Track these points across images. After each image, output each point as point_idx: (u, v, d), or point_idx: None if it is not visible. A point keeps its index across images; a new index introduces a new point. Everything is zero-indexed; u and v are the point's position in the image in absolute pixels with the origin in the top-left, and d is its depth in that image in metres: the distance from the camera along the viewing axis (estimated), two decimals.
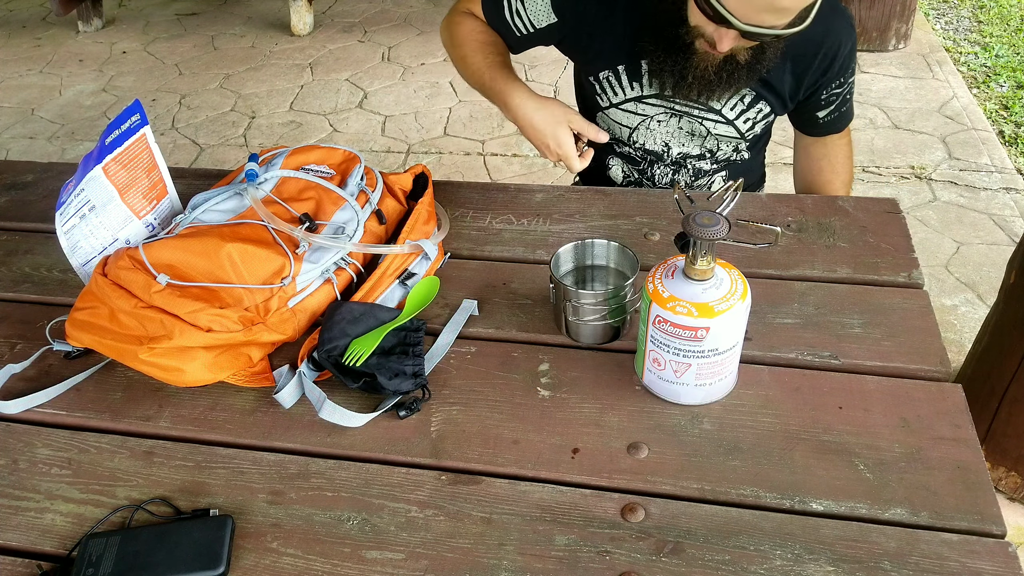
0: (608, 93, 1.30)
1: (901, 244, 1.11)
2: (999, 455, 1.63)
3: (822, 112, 1.31)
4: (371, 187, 1.14)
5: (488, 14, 1.31)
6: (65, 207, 1.04)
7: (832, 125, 1.33)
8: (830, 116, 1.31)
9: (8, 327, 1.09)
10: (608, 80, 1.28)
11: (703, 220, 0.78)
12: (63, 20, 4.55)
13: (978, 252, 2.37)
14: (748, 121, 1.29)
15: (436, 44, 3.98)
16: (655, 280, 0.84)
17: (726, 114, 1.27)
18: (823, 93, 1.27)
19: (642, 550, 0.76)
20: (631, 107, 1.30)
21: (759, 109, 1.27)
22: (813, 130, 1.35)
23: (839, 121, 1.33)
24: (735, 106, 1.27)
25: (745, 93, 1.25)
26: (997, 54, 3.51)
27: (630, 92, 1.28)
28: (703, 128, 1.29)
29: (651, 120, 1.30)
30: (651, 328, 0.85)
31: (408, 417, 0.91)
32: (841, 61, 1.23)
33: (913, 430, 0.85)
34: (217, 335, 0.92)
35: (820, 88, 1.26)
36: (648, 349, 0.87)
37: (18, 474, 0.88)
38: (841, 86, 1.27)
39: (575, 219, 1.20)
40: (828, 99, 1.28)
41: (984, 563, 0.72)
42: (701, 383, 0.87)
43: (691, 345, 0.82)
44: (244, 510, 0.82)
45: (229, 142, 3.27)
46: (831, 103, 1.29)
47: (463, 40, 1.31)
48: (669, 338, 0.83)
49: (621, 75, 1.27)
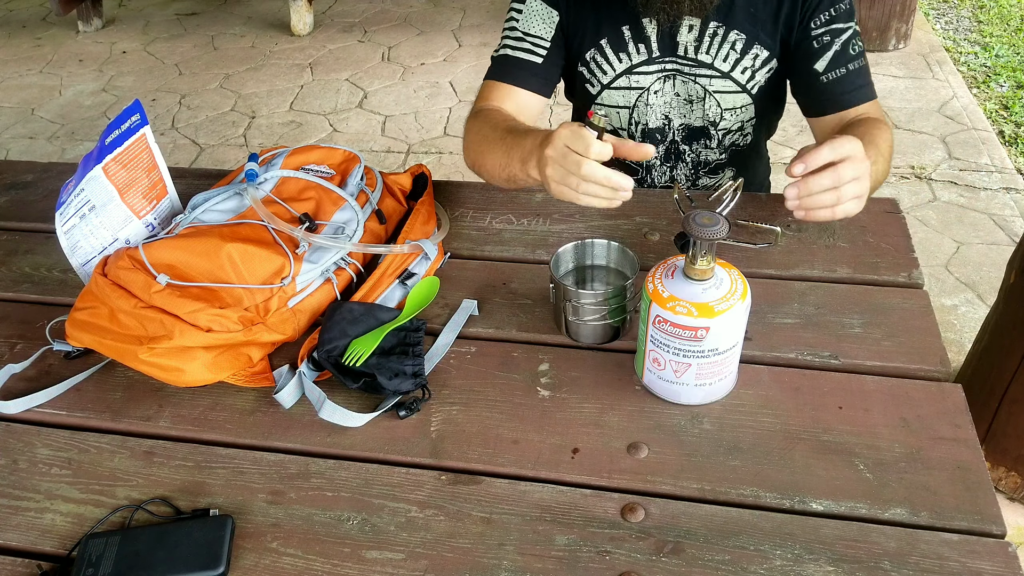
0: (597, 74, 1.26)
1: (901, 244, 1.11)
2: (999, 455, 1.63)
3: (819, 63, 1.15)
4: (371, 187, 1.14)
5: (499, 71, 1.24)
6: (65, 207, 1.04)
7: (839, 88, 1.15)
8: (832, 72, 1.15)
9: (8, 327, 1.09)
10: (595, 60, 1.24)
11: (703, 220, 0.78)
12: (63, 20, 4.55)
13: (978, 252, 2.37)
14: (746, 71, 1.21)
15: (436, 44, 3.98)
16: (655, 280, 0.84)
17: (719, 67, 1.21)
18: (812, 25, 1.14)
19: (642, 550, 0.76)
20: (623, 82, 1.25)
21: (754, 55, 1.19)
22: (820, 101, 1.18)
23: (847, 84, 1.15)
24: (727, 56, 1.20)
25: (735, 39, 1.18)
26: (997, 54, 3.51)
27: (618, 65, 1.24)
28: (699, 88, 1.23)
29: (647, 93, 1.25)
30: (651, 328, 0.85)
31: (408, 417, 0.91)
32: None
33: (913, 430, 0.85)
34: (217, 335, 0.92)
35: (807, 16, 1.14)
36: (648, 349, 0.87)
37: (18, 474, 0.88)
38: (833, 19, 1.14)
39: (575, 219, 1.20)
40: (821, 39, 1.14)
41: (984, 563, 0.72)
42: (701, 383, 0.87)
43: (691, 345, 0.82)
44: (244, 510, 0.82)
45: (229, 142, 3.27)
46: (826, 46, 1.14)
47: (477, 142, 1.17)
48: (669, 338, 0.83)
49: (605, 49, 1.22)
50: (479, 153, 1.16)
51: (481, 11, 4.32)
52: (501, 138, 1.11)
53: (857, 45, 1.16)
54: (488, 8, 4.35)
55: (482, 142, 1.15)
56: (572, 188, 0.92)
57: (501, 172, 1.11)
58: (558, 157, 0.92)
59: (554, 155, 0.93)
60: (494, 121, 1.16)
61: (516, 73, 1.23)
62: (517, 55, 1.23)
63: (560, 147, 0.92)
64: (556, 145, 0.93)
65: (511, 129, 1.11)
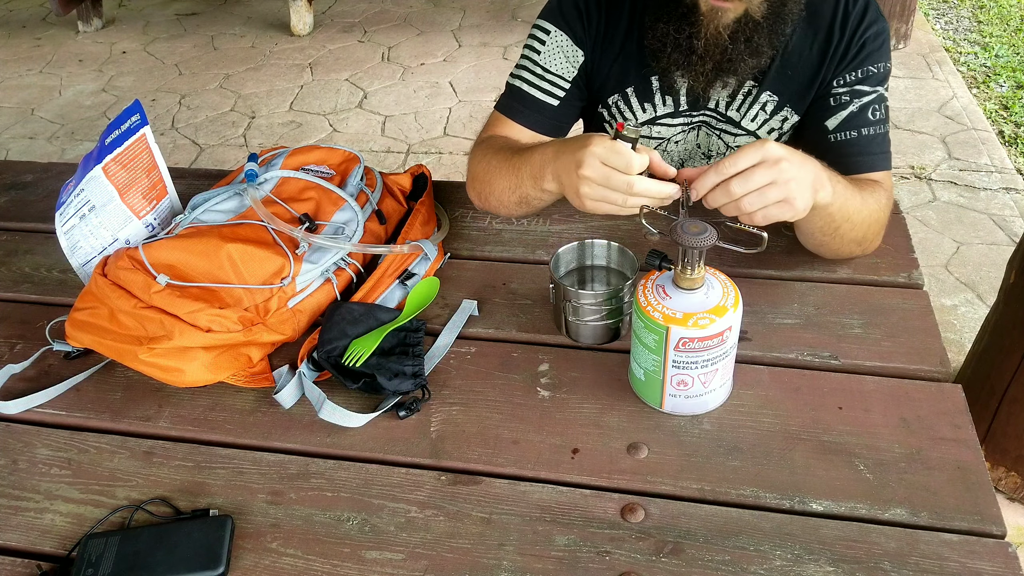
0: (619, 119, 1.20)
1: (901, 244, 1.11)
2: (999, 455, 1.63)
3: (831, 120, 1.07)
4: (371, 187, 1.14)
5: (512, 107, 1.17)
6: (65, 207, 1.04)
7: (846, 150, 1.06)
8: (843, 133, 1.07)
9: (8, 327, 1.09)
10: (617, 106, 1.18)
11: (691, 229, 0.78)
12: (63, 20, 4.55)
13: (978, 252, 2.37)
14: (772, 131, 1.15)
15: (436, 44, 3.98)
16: (660, 310, 0.81)
17: (746, 125, 1.15)
18: (836, 83, 1.07)
19: (642, 550, 0.76)
20: (645, 131, 1.20)
21: (783, 117, 1.14)
22: (825, 161, 0.99)
23: (856, 148, 1.06)
24: (756, 116, 1.14)
25: (766, 100, 1.13)
26: (997, 54, 3.51)
27: (642, 115, 1.18)
28: (721, 143, 1.19)
29: (667, 143, 1.20)
30: (673, 354, 0.82)
31: (408, 417, 0.91)
32: (863, 38, 1.05)
33: (913, 430, 0.85)
34: (217, 335, 0.92)
35: (835, 74, 1.07)
36: (670, 376, 0.84)
37: (18, 474, 0.88)
38: (861, 80, 1.06)
39: (575, 219, 1.20)
40: (840, 97, 1.07)
41: (984, 563, 0.72)
42: (723, 382, 0.87)
43: (718, 350, 0.82)
44: (244, 510, 0.82)
45: (229, 142, 3.27)
46: (843, 105, 1.07)
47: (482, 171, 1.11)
48: (697, 354, 0.81)
49: (630, 97, 1.16)
50: (485, 182, 1.11)
51: (481, 11, 4.32)
52: (507, 160, 1.05)
53: (879, 112, 1.07)
54: (488, 8, 4.35)
55: (487, 170, 1.09)
56: (617, 204, 0.87)
57: (511, 196, 1.06)
58: (598, 178, 0.86)
59: (593, 175, 0.86)
60: (496, 146, 1.11)
61: (528, 114, 1.16)
62: (533, 93, 1.15)
63: (597, 167, 0.86)
64: (591, 164, 0.86)
65: (516, 150, 1.06)
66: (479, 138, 1.19)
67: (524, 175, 1.02)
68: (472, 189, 1.16)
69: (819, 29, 1.08)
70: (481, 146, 1.15)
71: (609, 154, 0.85)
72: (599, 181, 0.87)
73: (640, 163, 0.85)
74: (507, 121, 1.18)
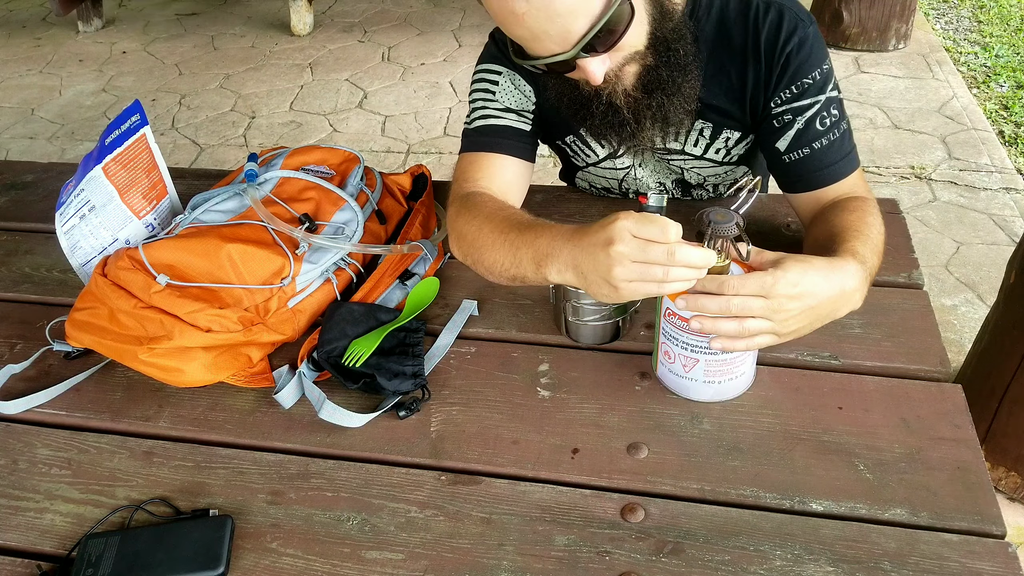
0: (581, 154, 1.17)
1: (901, 244, 1.11)
2: (999, 455, 1.63)
3: (780, 142, 1.02)
4: (371, 187, 1.14)
5: (482, 142, 1.09)
6: (65, 207, 1.04)
7: (803, 168, 1.02)
8: (795, 153, 1.01)
9: (8, 327, 1.09)
10: (575, 144, 1.16)
11: (717, 217, 0.79)
12: (63, 20, 4.55)
13: (978, 252, 2.37)
14: (720, 151, 1.11)
15: (436, 44, 3.98)
16: None
17: (691, 151, 1.11)
18: (773, 104, 1.01)
19: (642, 550, 0.76)
20: (608, 164, 1.17)
21: (726, 138, 1.09)
22: (788, 180, 1.04)
23: (813, 163, 1.01)
24: (697, 142, 1.09)
25: (702, 126, 1.07)
26: (997, 54, 3.51)
27: (601, 152, 1.15)
28: (676, 168, 1.15)
29: (633, 168, 1.17)
30: (663, 321, 0.86)
31: (408, 417, 0.91)
32: (783, 55, 0.98)
33: (913, 430, 0.85)
34: (217, 335, 0.92)
35: (770, 96, 1.01)
36: (661, 341, 0.88)
37: (18, 474, 0.88)
38: (797, 96, 0.99)
39: (575, 219, 1.20)
40: (782, 118, 1.01)
41: (984, 563, 0.72)
42: (710, 380, 0.87)
43: (698, 340, 0.83)
44: (244, 510, 0.82)
45: (229, 142, 3.27)
46: (787, 125, 1.01)
47: (471, 237, 0.99)
48: (678, 332, 0.84)
49: (586, 136, 1.13)
50: (475, 248, 0.98)
51: (481, 11, 4.29)
52: (502, 233, 0.94)
53: (828, 118, 1.00)
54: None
55: (478, 236, 0.97)
56: (657, 280, 0.78)
57: (503, 272, 0.94)
58: (634, 253, 0.77)
59: (628, 251, 0.77)
60: (488, 211, 0.99)
61: (503, 142, 1.08)
62: (502, 122, 1.08)
63: (630, 241, 0.77)
64: (624, 239, 0.77)
65: (513, 223, 0.94)
66: (458, 190, 1.06)
67: (524, 257, 0.90)
68: (458, 249, 1.02)
69: (734, 53, 1.01)
70: (466, 203, 1.02)
71: (640, 225, 0.77)
72: (635, 257, 0.77)
73: (676, 230, 0.76)
74: (483, 157, 1.08)
